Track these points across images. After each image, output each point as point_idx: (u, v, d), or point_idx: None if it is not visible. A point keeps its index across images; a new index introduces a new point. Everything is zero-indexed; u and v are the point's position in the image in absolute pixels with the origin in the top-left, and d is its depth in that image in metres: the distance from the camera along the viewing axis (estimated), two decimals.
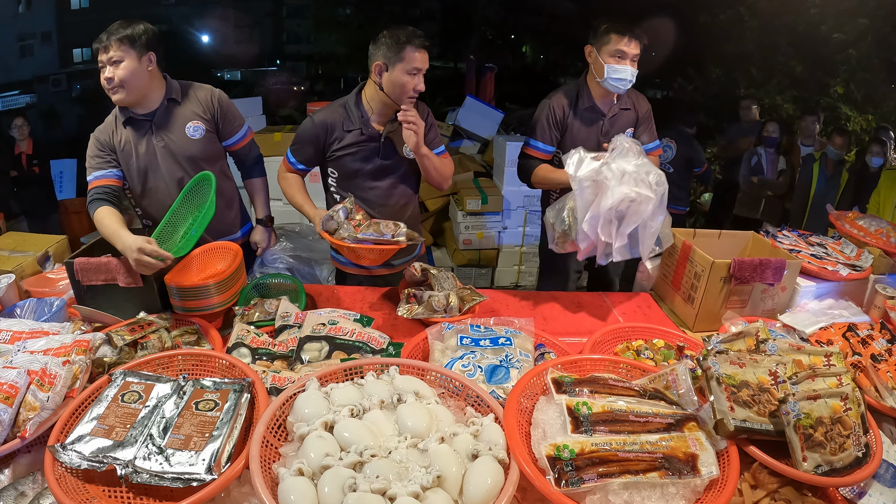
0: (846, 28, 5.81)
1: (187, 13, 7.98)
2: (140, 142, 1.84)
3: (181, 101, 1.87)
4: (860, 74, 5.98)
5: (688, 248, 1.82)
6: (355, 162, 1.91)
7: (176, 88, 1.87)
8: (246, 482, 1.00)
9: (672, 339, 1.55)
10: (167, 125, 1.85)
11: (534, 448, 1.01)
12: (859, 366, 1.39)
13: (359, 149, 1.89)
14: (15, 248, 1.89)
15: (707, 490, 0.98)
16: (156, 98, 1.83)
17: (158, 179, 1.88)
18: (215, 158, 1.96)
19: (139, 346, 1.37)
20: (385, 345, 1.44)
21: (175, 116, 1.86)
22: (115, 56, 1.71)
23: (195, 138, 1.88)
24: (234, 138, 1.99)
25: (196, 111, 1.88)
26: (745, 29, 6.45)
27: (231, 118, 1.96)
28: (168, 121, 1.85)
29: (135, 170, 1.86)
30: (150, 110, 1.83)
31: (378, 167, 1.93)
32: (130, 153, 1.84)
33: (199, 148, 1.89)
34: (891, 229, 2.07)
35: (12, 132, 4.32)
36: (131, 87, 1.75)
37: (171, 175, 1.87)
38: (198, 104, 1.89)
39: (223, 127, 1.94)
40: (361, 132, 1.88)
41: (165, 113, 1.85)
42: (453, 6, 9.27)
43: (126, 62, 1.72)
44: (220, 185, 1.90)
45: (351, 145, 1.89)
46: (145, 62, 1.76)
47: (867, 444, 1.07)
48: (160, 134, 1.84)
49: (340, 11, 9.11)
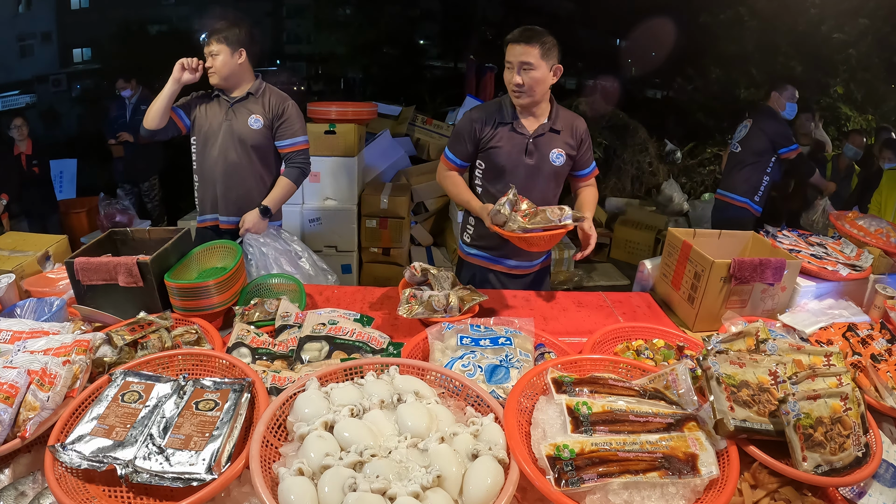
0: (846, 28, 5.81)
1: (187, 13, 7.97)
2: (217, 115, 2.28)
3: (257, 97, 2.30)
4: (860, 74, 5.99)
5: (688, 248, 1.82)
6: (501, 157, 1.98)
7: (258, 86, 2.31)
8: (246, 482, 1.00)
9: (672, 339, 1.55)
10: (239, 111, 2.28)
11: (534, 448, 1.01)
12: (859, 366, 1.39)
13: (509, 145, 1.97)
14: (15, 248, 1.89)
15: (707, 490, 0.98)
16: (242, 88, 2.30)
17: (216, 147, 2.29)
18: (264, 150, 2.32)
19: (139, 346, 1.37)
20: (385, 345, 1.44)
21: (247, 106, 2.28)
22: (214, 49, 2.19)
23: (253, 128, 2.27)
24: (284, 142, 2.33)
25: (262, 109, 2.29)
26: (745, 29, 6.45)
27: (287, 126, 2.32)
28: (241, 108, 2.28)
29: (202, 133, 2.29)
30: (233, 95, 2.29)
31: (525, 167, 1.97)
32: (207, 120, 2.29)
33: (252, 136, 2.28)
34: (891, 229, 2.07)
35: (11, 133, 4.31)
36: (222, 73, 2.22)
37: (224, 148, 2.28)
38: (267, 104, 2.30)
39: (277, 130, 2.31)
40: (512, 128, 1.96)
41: (242, 101, 2.29)
42: (453, 6, 9.26)
43: (221, 55, 2.20)
44: (259, 172, 2.33)
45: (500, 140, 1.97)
46: (236, 56, 2.23)
47: (867, 444, 1.07)
48: (231, 114, 2.27)
49: (340, 11, 9.10)
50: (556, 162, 1.98)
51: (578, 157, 2.04)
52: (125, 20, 7.29)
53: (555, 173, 2.00)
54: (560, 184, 2.07)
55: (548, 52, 1.84)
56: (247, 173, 2.30)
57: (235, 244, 1.82)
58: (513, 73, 1.87)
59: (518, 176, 1.97)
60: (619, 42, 8.79)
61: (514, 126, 1.96)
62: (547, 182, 2.01)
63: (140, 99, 4.79)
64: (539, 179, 1.99)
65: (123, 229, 1.86)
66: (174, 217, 4.95)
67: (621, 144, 5.82)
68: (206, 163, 2.32)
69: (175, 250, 1.74)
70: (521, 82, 1.85)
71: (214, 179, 2.31)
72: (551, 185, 2.03)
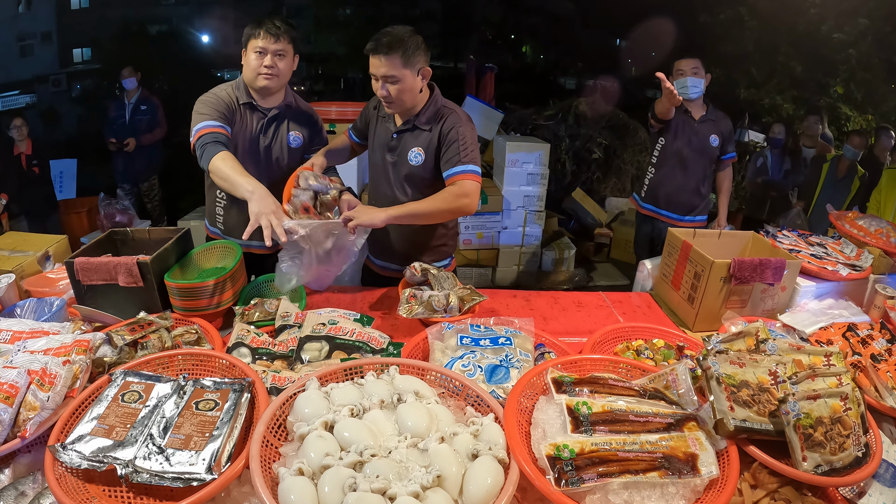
0: (846, 28, 5.81)
1: (187, 13, 7.97)
2: (252, 125, 1.92)
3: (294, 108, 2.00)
4: (860, 74, 5.99)
5: (688, 248, 1.82)
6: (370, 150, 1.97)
7: (291, 98, 1.99)
8: (246, 482, 1.00)
9: (672, 339, 1.55)
10: (279, 125, 1.97)
11: (534, 448, 1.01)
12: (859, 366, 1.39)
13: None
14: (15, 248, 1.89)
15: (707, 490, 0.98)
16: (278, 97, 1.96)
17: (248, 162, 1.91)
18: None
19: (139, 346, 1.37)
20: (385, 345, 1.44)
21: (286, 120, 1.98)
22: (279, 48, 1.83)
23: (293, 146, 1.99)
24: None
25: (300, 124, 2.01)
26: (745, 29, 6.45)
27: (319, 141, 2.06)
28: (281, 121, 1.97)
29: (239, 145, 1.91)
30: (270, 106, 1.94)
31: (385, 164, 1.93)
32: (240, 129, 1.91)
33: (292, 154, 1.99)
34: (891, 229, 2.07)
35: (11, 133, 4.31)
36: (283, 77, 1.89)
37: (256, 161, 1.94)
38: (303, 119, 2.02)
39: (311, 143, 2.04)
40: (384, 120, 1.92)
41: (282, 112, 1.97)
42: (453, 6, 9.26)
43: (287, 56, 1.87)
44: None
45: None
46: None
47: (867, 444, 1.07)
48: (271, 128, 1.96)
49: (340, 11, 9.10)
50: (414, 161, 1.84)
51: (442, 156, 1.81)
52: (125, 20, 7.30)
53: (411, 174, 1.86)
54: (422, 186, 1.87)
55: (410, 57, 1.69)
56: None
57: (235, 244, 1.82)
58: (378, 84, 1.73)
59: (378, 172, 1.94)
60: (619, 42, 8.79)
61: (386, 119, 1.90)
62: (402, 183, 1.89)
63: (140, 99, 4.79)
64: (396, 178, 1.90)
65: (123, 229, 1.86)
66: (174, 217, 4.95)
67: (621, 144, 5.81)
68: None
69: (175, 250, 1.74)
70: (387, 94, 1.73)
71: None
72: (407, 186, 1.89)
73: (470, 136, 1.80)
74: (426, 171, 1.85)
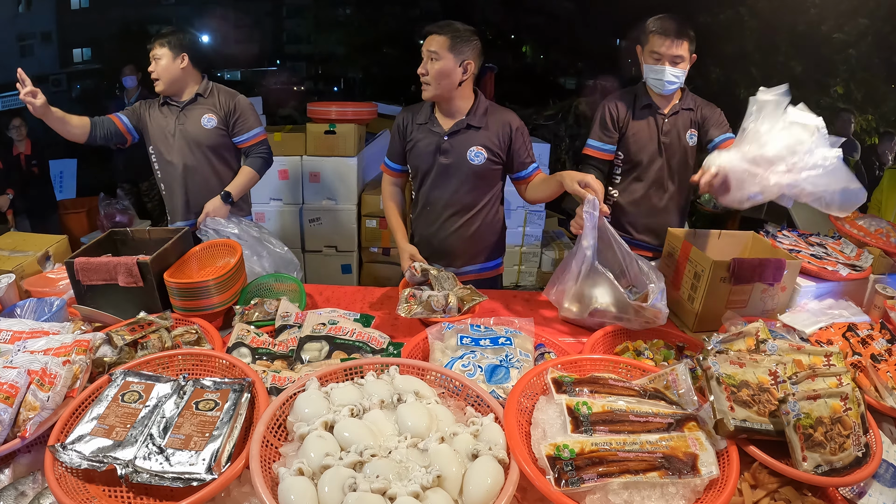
0: (846, 28, 5.81)
1: (187, 13, 7.98)
2: (168, 121, 2.30)
3: (206, 97, 2.31)
4: (860, 74, 5.99)
5: (687, 248, 1.82)
6: (416, 156, 1.96)
7: (206, 87, 2.32)
8: (246, 482, 1.00)
9: (672, 339, 1.55)
10: (190, 113, 2.29)
11: (534, 448, 1.01)
12: (859, 366, 1.39)
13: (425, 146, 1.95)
14: (15, 248, 1.89)
15: (707, 490, 0.98)
16: (189, 91, 2.31)
17: (174, 153, 2.32)
18: (221, 149, 2.34)
19: (139, 346, 1.37)
20: (385, 345, 1.44)
21: (197, 108, 2.30)
22: (157, 53, 2.23)
23: (207, 128, 2.29)
24: (241, 137, 2.35)
25: (214, 108, 2.30)
26: (745, 29, 6.44)
27: (242, 120, 2.32)
28: (191, 110, 2.30)
29: (157, 142, 2.31)
30: (182, 99, 2.30)
31: (440, 166, 1.94)
32: (160, 128, 2.30)
33: (207, 136, 2.29)
34: (891, 229, 2.06)
35: (10, 133, 4.31)
36: (165, 78, 2.25)
37: (181, 152, 2.30)
38: (217, 102, 2.31)
39: (233, 127, 2.32)
40: (428, 126, 1.95)
41: (192, 104, 2.30)
42: (453, 6, 9.25)
43: (164, 59, 2.23)
44: (219, 172, 2.35)
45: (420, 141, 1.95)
46: (178, 61, 2.24)
47: (867, 444, 1.07)
48: (182, 118, 2.29)
49: (340, 11, 9.11)
50: (475, 161, 1.90)
51: (509, 155, 1.94)
52: (125, 20, 7.31)
53: (474, 173, 1.93)
54: (485, 185, 1.98)
55: (458, 44, 1.80)
56: (208, 175, 2.33)
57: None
58: (423, 63, 1.85)
59: (432, 176, 1.95)
60: (619, 42, 8.79)
61: (430, 125, 1.94)
62: (463, 182, 1.94)
63: (139, 98, 4.79)
64: (454, 179, 1.94)
65: (123, 229, 1.86)
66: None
67: None
68: (167, 171, 2.35)
69: (175, 250, 1.74)
70: (424, 71, 1.82)
71: (178, 186, 2.33)
72: (469, 186, 1.95)
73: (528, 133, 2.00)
74: (488, 166, 1.94)
